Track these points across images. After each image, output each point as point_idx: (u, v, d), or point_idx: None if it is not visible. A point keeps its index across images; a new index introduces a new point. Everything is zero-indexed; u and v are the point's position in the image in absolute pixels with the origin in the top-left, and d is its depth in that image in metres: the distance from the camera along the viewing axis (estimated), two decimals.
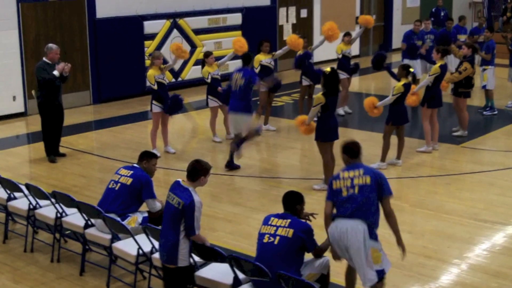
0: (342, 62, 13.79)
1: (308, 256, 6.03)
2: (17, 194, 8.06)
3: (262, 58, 12.54)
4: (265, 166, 11.13)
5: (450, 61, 14.07)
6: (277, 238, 5.77)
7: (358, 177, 6.04)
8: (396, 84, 10.45)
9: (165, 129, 11.53)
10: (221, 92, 11.85)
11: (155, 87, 11.06)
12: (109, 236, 6.89)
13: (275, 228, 5.84)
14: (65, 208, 7.47)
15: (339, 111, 13.64)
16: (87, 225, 7.15)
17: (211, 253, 6.02)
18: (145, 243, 6.47)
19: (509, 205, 9.07)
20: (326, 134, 9.46)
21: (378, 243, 6.04)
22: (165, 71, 11.43)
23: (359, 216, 5.92)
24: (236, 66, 11.47)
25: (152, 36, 16.19)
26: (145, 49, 16.05)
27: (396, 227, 6.11)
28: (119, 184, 7.15)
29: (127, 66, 15.75)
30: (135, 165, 7.30)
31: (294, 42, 12.71)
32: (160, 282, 6.45)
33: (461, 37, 16.54)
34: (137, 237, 6.54)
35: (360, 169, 6.10)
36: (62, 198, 7.38)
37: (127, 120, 14.03)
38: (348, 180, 6.04)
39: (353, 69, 14.01)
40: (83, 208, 7.12)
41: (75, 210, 7.30)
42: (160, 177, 10.22)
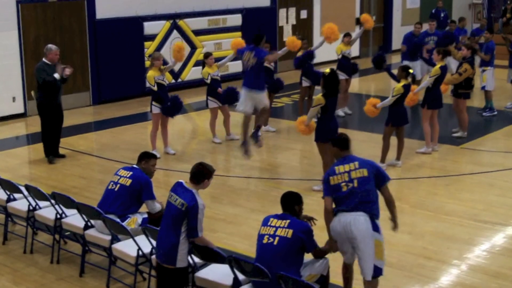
0: (342, 63, 13.79)
1: (308, 257, 6.03)
2: (17, 195, 8.06)
3: None
4: (265, 167, 11.13)
5: (449, 62, 14.07)
6: (277, 239, 5.77)
7: (355, 171, 6.10)
8: (396, 85, 10.45)
9: (165, 130, 11.53)
10: (221, 93, 11.85)
11: (155, 88, 11.06)
12: (109, 237, 6.88)
13: (275, 229, 5.84)
14: (65, 209, 7.46)
15: (339, 112, 13.63)
16: (87, 226, 7.15)
17: (211, 254, 6.02)
18: (145, 244, 6.47)
19: (509, 206, 9.07)
20: (326, 135, 9.43)
21: (381, 235, 6.09)
22: (165, 72, 11.44)
23: (362, 209, 5.99)
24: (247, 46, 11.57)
25: (152, 37, 16.19)
26: (145, 50, 16.04)
27: (394, 209, 6.27)
28: (119, 185, 7.14)
29: (127, 67, 15.75)
30: (135, 166, 7.30)
31: (293, 43, 12.70)
32: None
33: (462, 39, 16.52)
34: (137, 238, 6.53)
35: (355, 162, 6.15)
36: (62, 199, 7.38)
37: (127, 121, 14.03)
38: (345, 175, 6.08)
39: (352, 70, 13.99)
40: (83, 209, 7.12)
41: (75, 211, 7.29)
42: (160, 178, 10.22)
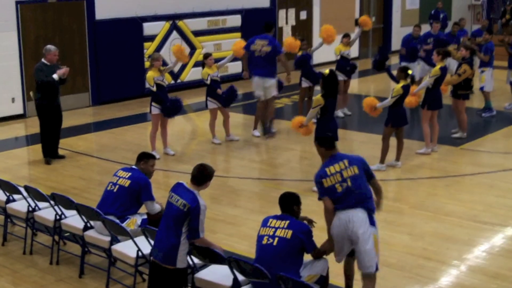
0: (340, 64, 13.79)
1: (307, 258, 6.03)
2: (16, 196, 8.06)
3: None
4: (265, 168, 11.13)
5: (449, 63, 14.06)
6: (276, 240, 5.78)
7: (346, 170, 6.14)
8: (395, 86, 10.45)
9: (165, 131, 11.52)
10: (221, 94, 11.85)
11: (154, 89, 11.05)
12: (109, 238, 6.88)
13: (274, 230, 5.84)
14: (64, 210, 7.46)
15: (338, 113, 13.63)
16: (87, 227, 7.14)
17: (211, 255, 6.02)
18: (145, 245, 6.47)
19: (509, 207, 9.07)
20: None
21: (377, 230, 6.20)
22: (165, 73, 11.43)
23: (360, 206, 6.07)
24: (258, 35, 11.97)
25: (152, 38, 16.19)
26: (145, 51, 16.04)
27: (382, 195, 6.47)
28: (117, 186, 7.14)
29: (127, 68, 15.74)
30: (133, 167, 7.29)
31: (291, 44, 12.70)
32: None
33: (464, 40, 16.50)
34: (137, 239, 6.53)
35: (344, 160, 6.20)
36: (61, 200, 7.37)
37: (127, 122, 14.03)
38: (338, 175, 6.11)
39: (351, 70, 13.96)
40: (83, 210, 7.11)
41: (74, 212, 7.29)
42: (160, 179, 10.22)
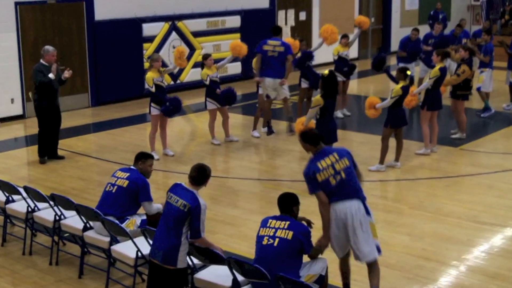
0: (338, 64, 13.79)
1: (305, 258, 6.04)
2: (16, 197, 8.05)
3: None
4: (264, 169, 11.14)
5: (449, 64, 14.07)
6: (277, 240, 5.78)
7: (337, 162, 6.21)
8: (395, 87, 10.46)
9: (164, 132, 11.52)
10: (220, 94, 11.85)
11: (153, 90, 11.05)
12: (108, 239, 6.88)
13: (274, 230, 5.84)
14: (64, 211, 7.45)
15: (338, 114, 13.63)
16: (86, 228, 7.14)
17: (210, 255, 6.02)
18: (144, 246, 6.46)
19: (508, 207, 9.07)
20: (325, 137, 9.44)
21: (373, 218, 6.31)
22: (165, 74, 11.43)
23: (355, 196, 6.18)
24: (267, 38, 12.19)
25: (151, 39, 16.19)
26: (144, 52, 16.04)
27: (362, 180, 6.55)
28: (116, 187, 7.13)
29: (126, 69, 15.74)
30: (132, 167, 7.29)
31: (291, 45, 12.71)
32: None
33: (466, 41, 16.50)
34: (136, 240, 6.53)
35: (334, 153, 6.28)
36: (61, 201, 7.37)
37: (126, 123, 14.03)
38: (330, 168, 6.16)
39: (349, 71, 13.95)
40: (82, 211, 7.11)
41: (74, 213, 7.28)
42: (159, 180, 10.22)
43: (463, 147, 11.93)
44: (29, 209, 7.71)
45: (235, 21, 17.84)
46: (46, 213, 7.60)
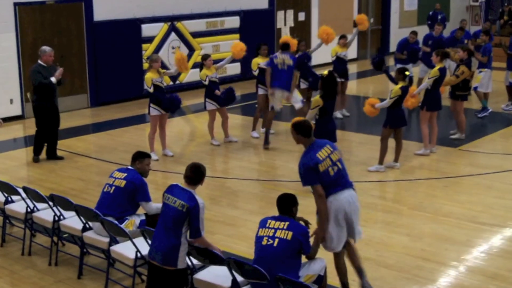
0: (335, 65, 13.78)
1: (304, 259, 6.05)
2: (15, 197, 8.04)
3: (260, 61, 12.51)
4: (264, 169, 11.14)
5: (449, 65, 14.07)
6: (276, 241, 5.77)
7: (332, 153, 6.35)
8: (394, 87, 10.47)
9: (163, 132, 11.52)
10: (219, 95, 11.85)
11: (151, 90, 11.04)
12: (107, 239, 6.87)
13: (274, 231, 5.84)
14: (63, 211, 7.45)
15: (337, 114, 13.63)
16: (85, 228, 7.14)
17: (210, 256, 6.02)
18: (143, 246, 6.46)
19: (507, 208, 9.08)
20: (324, 137, 9.40)
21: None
22: (164, 76, 11.42)
23: (350, 186, 6.40)
24: (276, 53, 12.23)
25: (150, 39, 16.19)
26: (143, 52, 16.05)
27: None
28: (114, 187, 7.12)
29: (125, 69, 15.74)
30: (129, 167, 7.27)
31: (287, 42, 12.72)
32: None
33: (468, 42, 16.48)
34: (135, 240, 6.53)
35: (327, 145, 6.40)
36: (60, 201, 7.37)
37: (125, 123, 14.03)
38: (328, 160, 6.28)
39: (344, 72, 13.90)
40: (81, 211, 7.11)
41: (73, 213, 7.28)
42: (159, 180, 10.22)
43: (462, 148, 11.93)
44: (28, 210, 7.71)
45: (234, 22, 17.84)
46: (45, 214, 7.59)
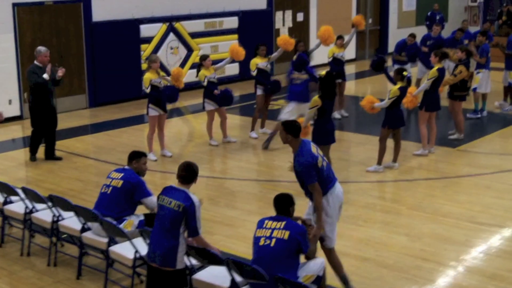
0: (331, 66, 13.77)
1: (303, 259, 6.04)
2: (14, 198, 8.04)
3: (259, 62, 12.52)
4: (262, 169, 11.14)
5: (448, 65, 14.08)
6: (273, 241, 5.77)
7: (318, 150, 6.59)
8: (392, 88, 10.48)
9: (162, 133, 11.51)
10: (218, 95, 11.85)
11: (148, 90, 11.05)
12: (106, 240, 6.87)
13: (271, 231, 5.83)
14: (62, 212, 7.45)
15: (335, 115, 13.62)
16: (84, 229, 7.14)
17: (209, 256, 6.02)
18: (142, 247, 6.46)
19: (506, 208, 9.09)
20: (323, 138, 9.47)
21: None
22: (162, 80, 11.40)
23: (335, 179, 6.63)
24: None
25: (149, 40, 16.19)
26: (142, 53, 16.05)
27: None
28: (111, 188, 7.11)
29: (124, 70, 15.74)
30: (126, 167, 7.26)
31: (286, 41, 12.72)
32: None
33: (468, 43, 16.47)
34: (134, 241, 6.53)
35: (312, 143, 6.60)
36: (59, 202, 7.37)
37: (124, 124, 14.02)
38: (320, 156, 6.50)
39: (339, 74, 13.88)
40: (80, 212, 7.11)
41: (72, 214, 7.28)
42: (157, 181, 10.21)
43: (461, 148, 11.94)
44: (27, 210, 7.70)
45: (233, 22, 17.84)
46: (44, 214, 7.59)
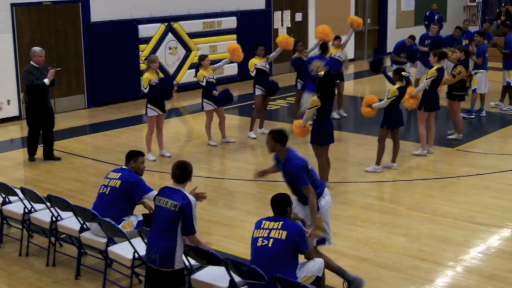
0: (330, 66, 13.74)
1: (302, 259, 6.03)
2: (12, 198, 8.04)
3: (257, 62, 12.51)
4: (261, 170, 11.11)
5: (447, 65, 14.09)
6: (271, 241, 5.76)
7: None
8: (391, 88, 10.48)
9: (160, 133, 11.51)
10: (216, 96, 11.84)
11: (146, 90, 11.05)
12: (105, 240, 6.87)
13: (268, 231, 5.83)
14: (61, 212, 7.44)
15: (334, 115, 13.61)
16: (83, 229, 7.13)
17: (207, 256, 6.02)
18: (141, 247, 6.46)
19: (504, 208, 9.09)
20: (322, 138, 9.47)
21: None
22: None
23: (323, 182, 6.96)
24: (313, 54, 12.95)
25: (147, 40, 16.17)
26: (140, 53, 16.04)
27: None
28: (109, 188, 7.10)
29: (122, 70, 15.73)
30: (124, 167, 7.25)
31: (285, 41, 12.72)
32: None
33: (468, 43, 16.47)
34: (133, 241, 6.53)
35: (294, 149, 6.84)
36: (58, 202, 7.36)
37: (122, 124, 14.01)
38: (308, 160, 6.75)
39: (338, 74, 13.87)
40: (79, 212, 7.11)
41: (71, 214, 7.27)
42: (156, 181, 10.20)
43: (460, 148, 11.94)
44: (26, 210, 7.70)
45: (231, 22, 17.83)
46: (43, 214, 7.58)
